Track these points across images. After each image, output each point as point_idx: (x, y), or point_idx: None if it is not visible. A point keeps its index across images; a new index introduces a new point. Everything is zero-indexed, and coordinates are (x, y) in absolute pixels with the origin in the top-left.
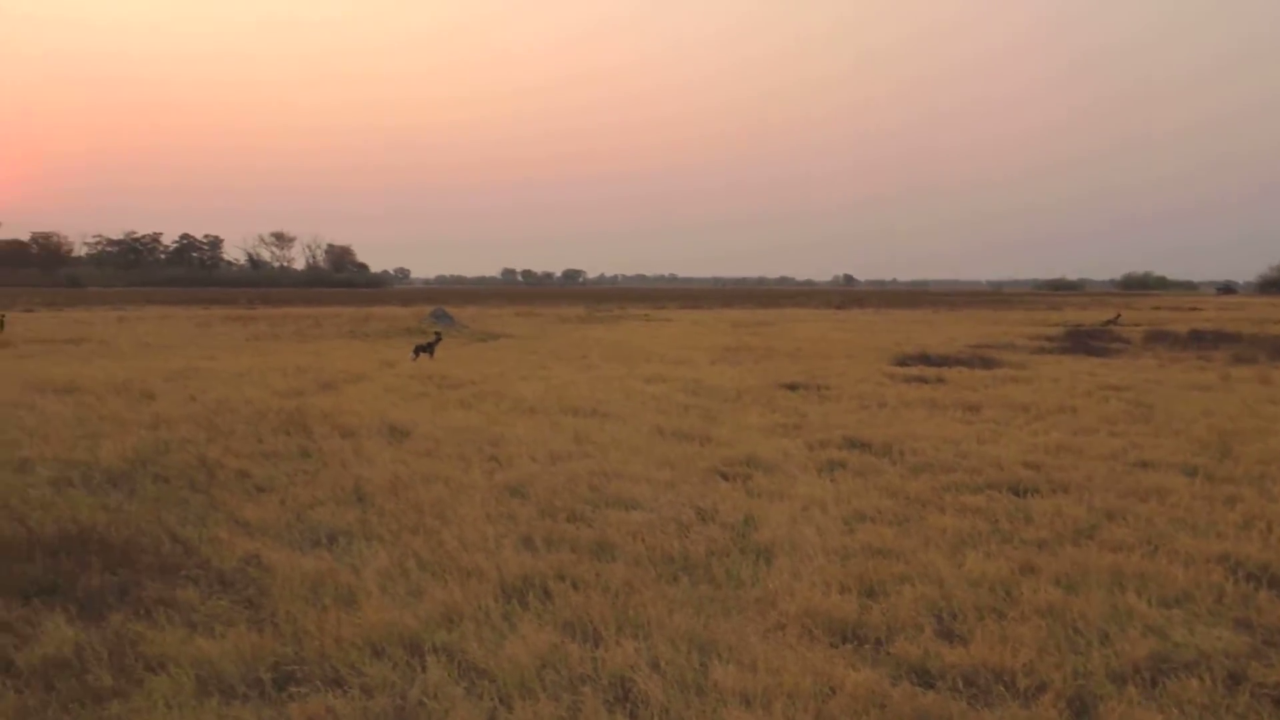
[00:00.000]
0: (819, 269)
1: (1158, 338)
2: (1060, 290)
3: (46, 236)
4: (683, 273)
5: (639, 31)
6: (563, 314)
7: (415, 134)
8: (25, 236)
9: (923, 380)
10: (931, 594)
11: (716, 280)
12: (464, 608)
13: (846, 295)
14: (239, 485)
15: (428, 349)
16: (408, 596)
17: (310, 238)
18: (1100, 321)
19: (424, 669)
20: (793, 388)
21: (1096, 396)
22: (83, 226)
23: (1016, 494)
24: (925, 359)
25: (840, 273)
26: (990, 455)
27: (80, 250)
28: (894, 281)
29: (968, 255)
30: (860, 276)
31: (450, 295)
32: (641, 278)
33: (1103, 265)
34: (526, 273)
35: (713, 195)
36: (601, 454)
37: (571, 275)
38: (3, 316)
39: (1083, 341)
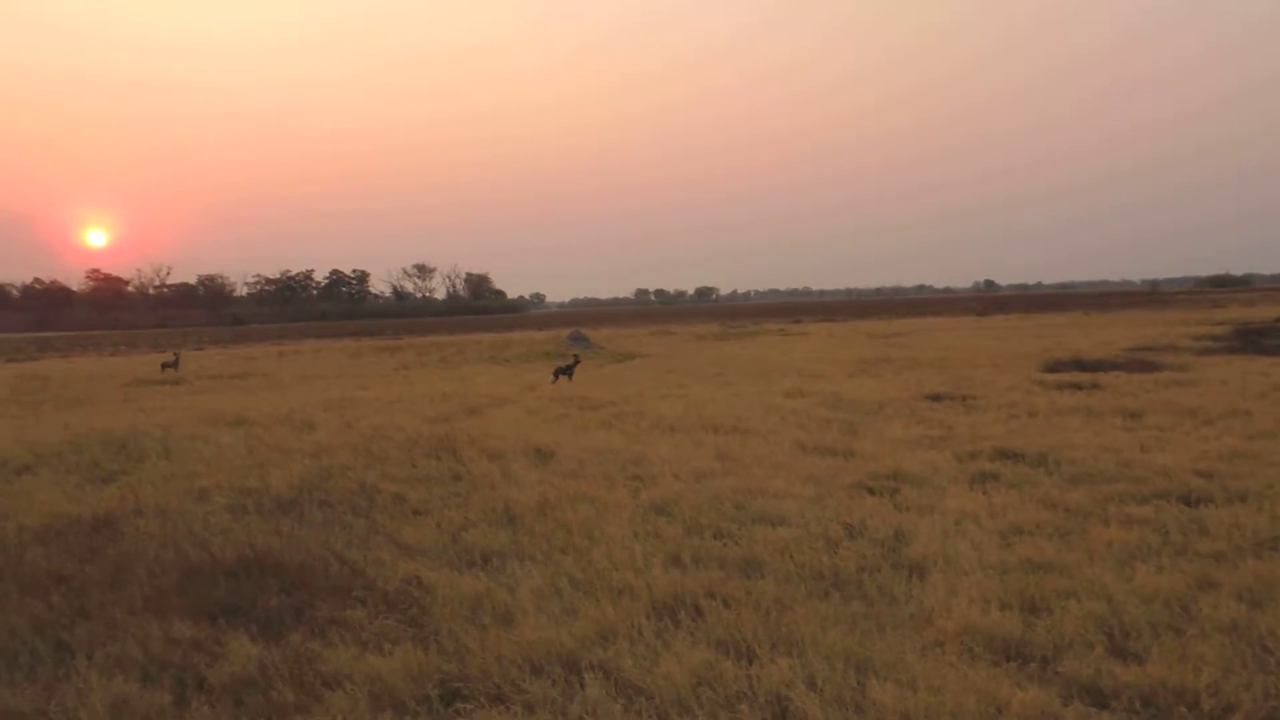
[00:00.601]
0: (958, 275)
1: None
2: (1224, 287)
3: (212, 278)
4: (816, 285)
5: (757, 49)
6: (697, 332)
7: (545, 161)
8: (193, 279)
9: (1076, 387)
10: (1100, 610)
11: (851, 292)
12: (617, 626)
13: (988, 301)
14: (397, 509)
15: (567, 371)
16: (562, 615)
17: (450, 268)
18: (1272, 318)
19: (582, 686)
20: (936, 399)
21: (1272, 399)
22: (243, 268)
23: (1188, 504)
24: (1078, 364)
25: (980, 278)
26: (1156, 464)
27: (241, 290)
28: (1038, 285)
29: (1117, 253)
30: (1002, 281)
31: (585, 317)
32: (775, 292)
33: (1271, 257)
34: (659, 292)
35: (845, 205)
36: (744, 471)
37: (704, 293)
38: (178, 355)
39: (1252, 340)
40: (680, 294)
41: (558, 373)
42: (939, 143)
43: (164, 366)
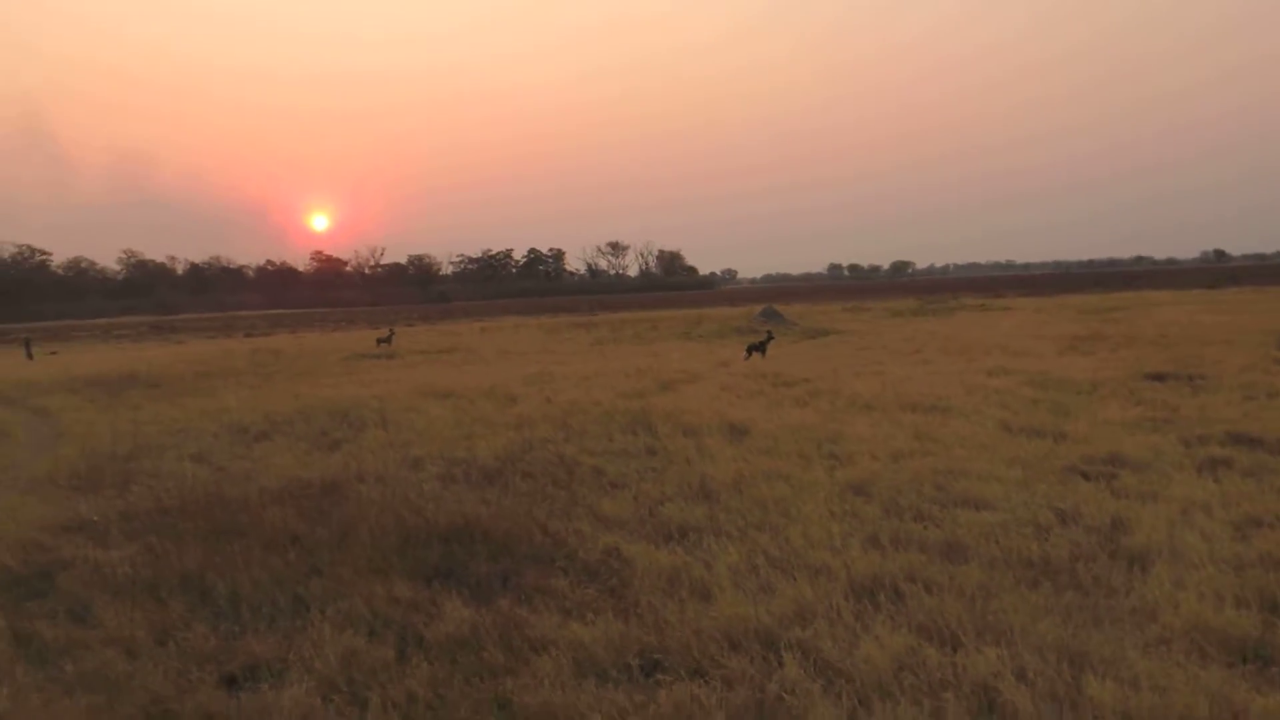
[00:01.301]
0: (1181, 245)
1: None
2: None
3: (420, 258)
4: (1020, 258)
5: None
6: (892, 307)
7: (736, 135)
8: (403, 259)
9: None
10: None
11: (1059, 264)
12: (815, 606)
13: (1218, 273)
14: (595, 481)
15: (759, 348)
16: (759, 592)
17: (642, 245)
18: None
19: (780, 664)
20: (1159, 378)
21: None
22: (448, 248)
23: None
24: None
25: (1209, 248)
26: None
27: (447, 269)
28: (1277, 255)
29: None
30: (1233, 250)
31: (777, 293)
32: (975, 266)
33: None
34: (853, 267)
35: (1052, 169)
36: (945, 451)
37: (900, 267)
38: (393, 332)
39: None
40: (875, 269)
41: (750, 349)
42: (1160, 99)
43: (379, 342)
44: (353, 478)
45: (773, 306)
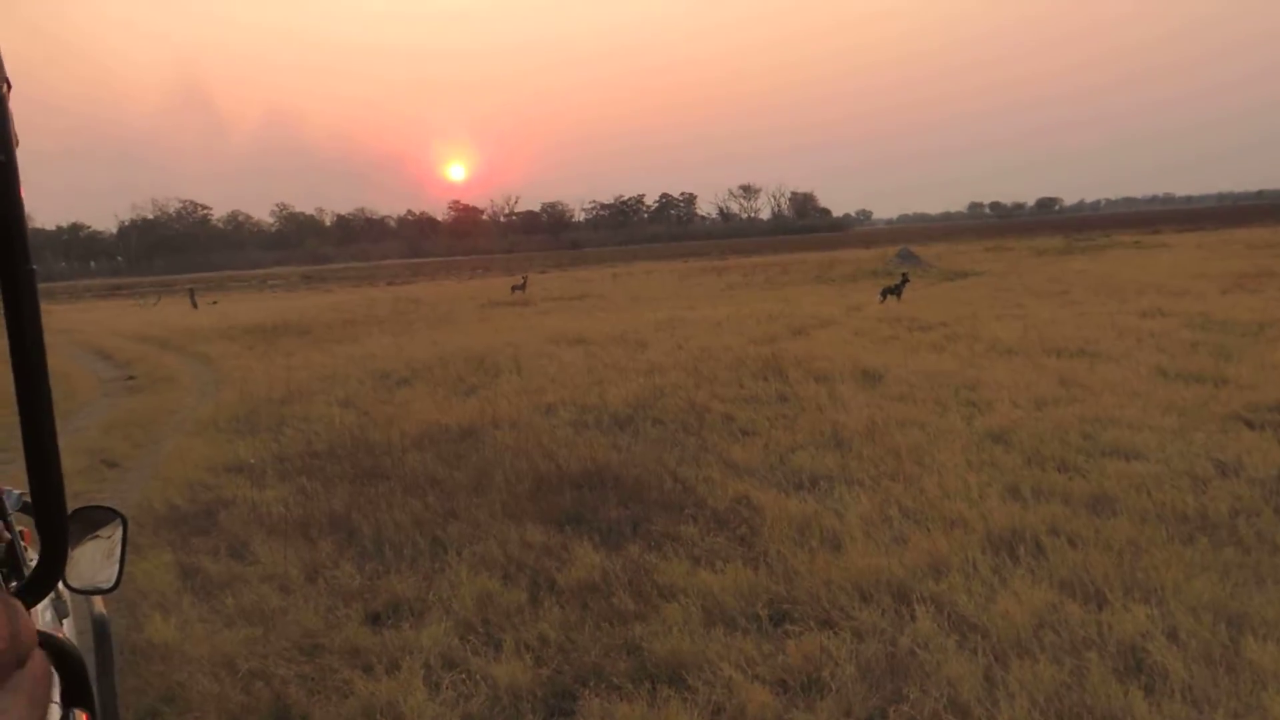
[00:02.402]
0: None
1: None
2: None
3: (553, 205)
4: (1180, 190)
5: None
6: (1038, 246)
7: (869, 73)
8: (537, 207)
9: None
10: None
11: (1224, 196)
12: (950, 558)
13: None
14: (725, 428)
15: (895, 291)
16: (891, 543)
17: (775, 187)
18: None
19: (913, 618)
20: None
21: None
22: (581, 195)
23: None
24: None
25: None
26: None
27: (579, 215)
28: None
29: None
30: None
31: (914, 234)
32: (1129, 200)
33: None
34: (995, 205)
35: (1211, 90)
36: (1092, 399)
37: (1046, 204)
38: (526, 279)
39: None
40: (1019, 206)
41: (885, 292)
42: None
43: (513, 289)
44: (488, 423)
45: (909, 248)
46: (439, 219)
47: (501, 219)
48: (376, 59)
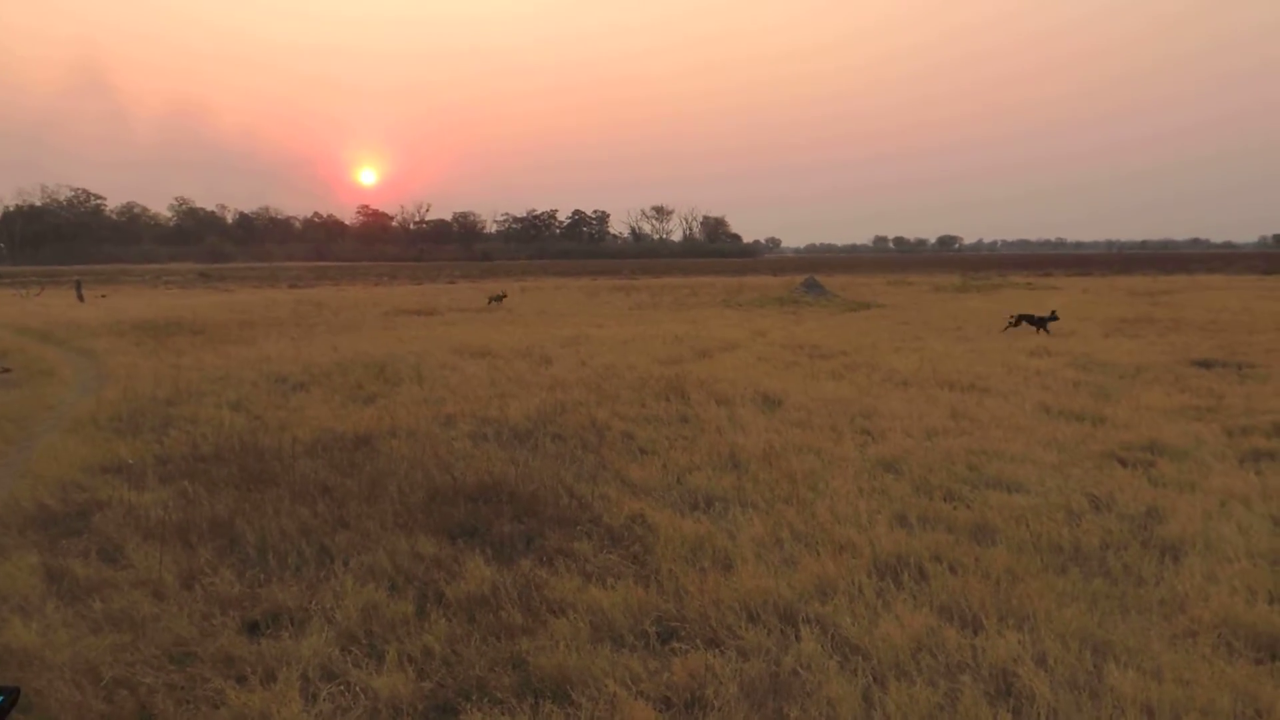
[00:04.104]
0: (1240, 228)
1: None
2: None
3: (465, 216)
4: (1071, 236)
5: None
6: (937, 283)
7: (785, 107)
8: (448, 216)
9: None
10: None
11: (1111, 244)
12: (837, 581)
13: (1275, 259)
14: (624, 447)
15: (1040, 323)
16: (781, 565)
17: (688, 210)
18: None
19: (798, 639)
20: (1206, 365)
21: None
22: (493, 206)
23: None
24: None
25: (1269, 232)
26: None
27: (491, 227)
28: None
29: None
30: None
31: (821, 264)
32: (1023, 243)
33: None
34: (899, 240)
35: (1105, 148)
36: (980, 431)
37: (946, 241)
38: (504, 294)
39: None
40: (921, 242)
41: (1024, 320)
42: (1214, 69)
43: (491, 300)
44: (385, 432)
45: (814, 278)
46: (347, 223)
47: (411, 226)
48: (291, 54)
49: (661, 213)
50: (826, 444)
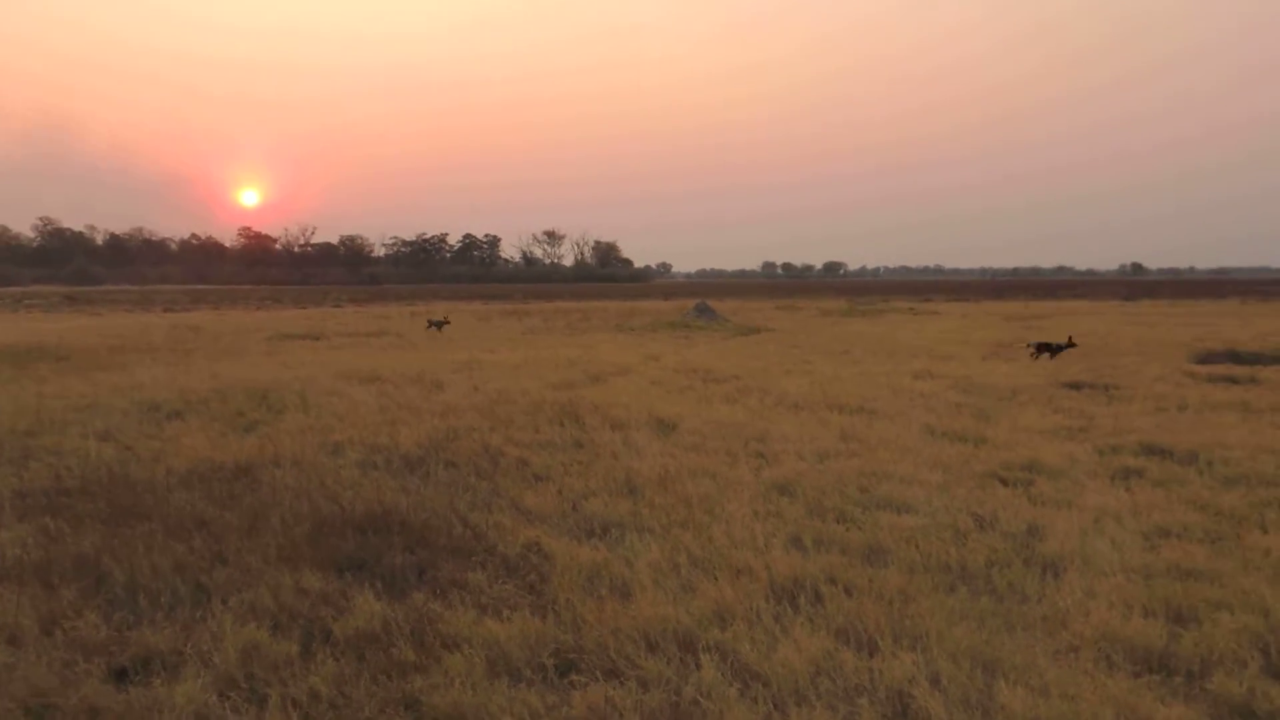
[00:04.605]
0: (1102, 257)
1: None
2: None
3: (352, 239)
4: (949, 264)
5: (892, 26)
6: (824, 307)
7: (677, 134)
8: (335, 239)
9: (1232, 380)
10: (1256, 625)
11: (985, 271)
12: (735, 607)
13: (1135, 286)
14: (519, 473)
15: (1052, 350)
16: (680, 592)
17: (579, 235)
18: None
19: (698, 667)
20: (1076, 387)
21: None
22: (382, 229)
23: None
24: (1234, 356)
25: (1127, 261)
26: None
27: (379, 251)
28: (1191, 270)
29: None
30: (1150, 264)
31: (711, 289)
32: (904, 269)
33: None
34: (786, 266)
35: (981, 181)
36: (869, 453)
37: (832, 268)
38: (446, 320)
39: None
40: (808, 268)
41: (1042, 349)
42: (1080, 117)
43: (431, 325)
44: (268, 462)
45: (706, 302)
46: (227, 245)
47: (296, 249)
48: (168, 63)
49: (553, 237)
50: (722, 468)
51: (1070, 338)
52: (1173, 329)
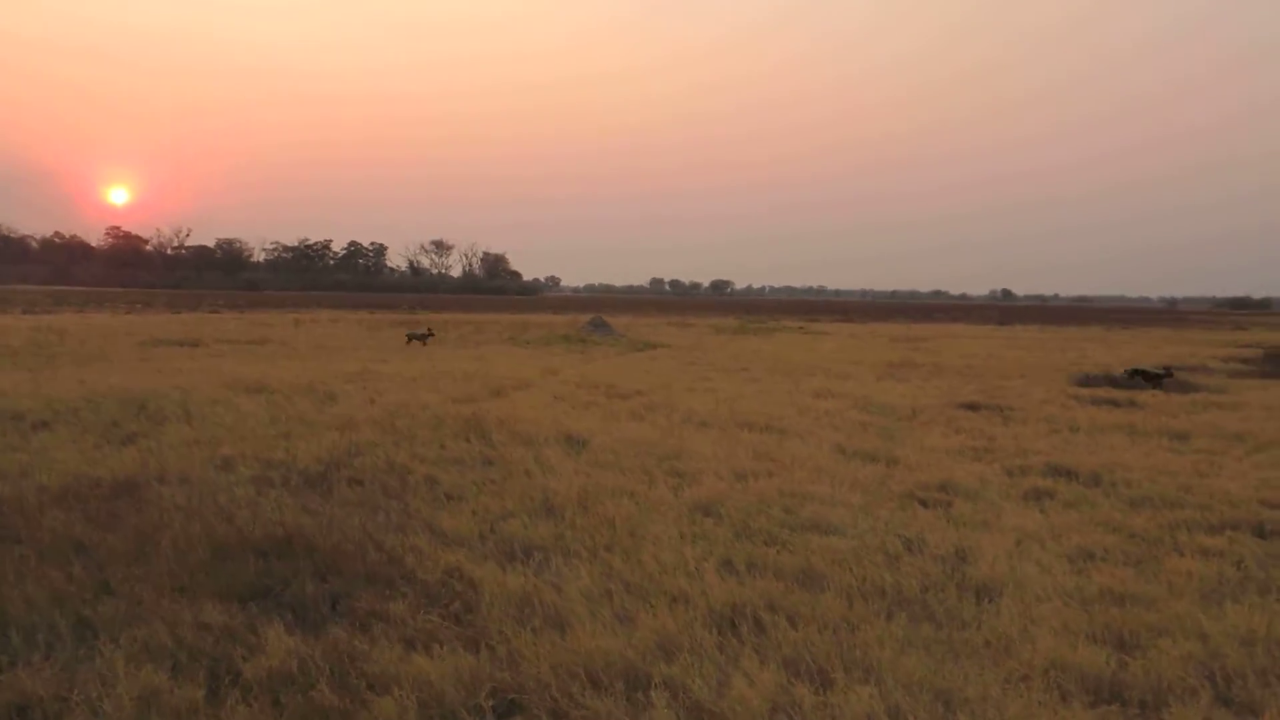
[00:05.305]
0: (974, 283)
1: None
2: (1243, 309)
3: (230, 242)
4: (831, 284)
5: (778, 39)
6: (715, 324)
7: (565, 145)
8: (211, 242)
9: (1114, 403)
10: (1197, 651)
11: (865, 293)
12: (678, 638)
13: (1006, 310)
14: (429, 492)
15: (1153, 379)
16: (617, 622)
17: (468, 246)
18: None
19: (649, 705)
20: (972, 408)
21: None
22: (262, 233)
23: (1261, 536)
24: (1110, 380)
25: (997, 287)
26: (1218, 490)
27: (259, 256)
28: (1055, 297)
29: (1133, 268)
30: (1018, 290)
31: (601, 303)
32: (789, 289)
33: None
34: (674, 282)
35: (862, 205)
36: (786, 473)
37: (720, 285)
38: (430, 331)
39: None
40: (695, 285)
41: (1138, 374)
42: (955, 144)
43: (411, 338)
44: (152, 477)
45: (601, 317)
46: (94, 245)
47: (169, 251)
48: (31, 51)
49: (441, 247)
50: (640, 487)
51: (1167, 368)
52: (1048, 353)
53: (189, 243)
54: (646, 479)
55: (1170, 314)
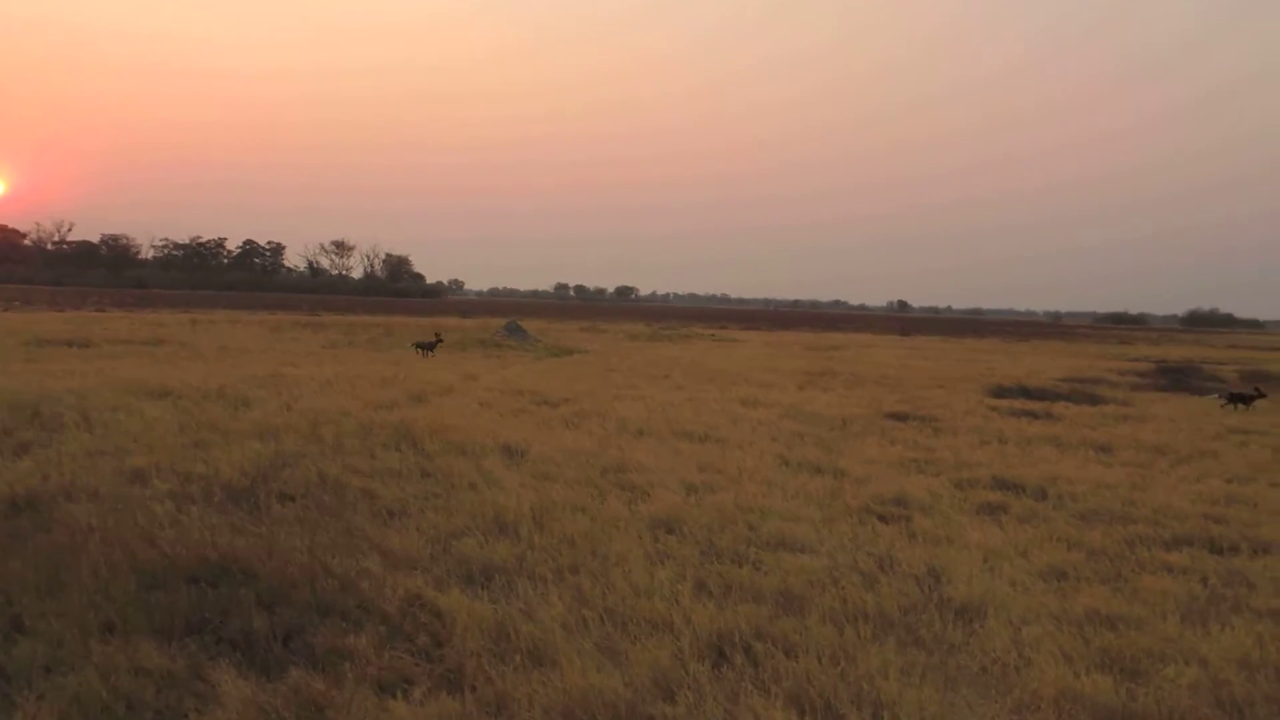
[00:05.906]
0: (871, 293)
1: (1258, 378)
2: (1122, 324)
3: (116, 239)
4: (734, 293)
5: (697, 63)
6: (628, 331)
7: (473, 151)
8: (96, 238)
9: (1032, 415)
10: (1201, 678)
11: (768, 301)
12: (673, 674)
13: (906, 321)
14: (369, 507)
15: (1244, 399)
16: (602, 656)
17: (369, 247)
18: (1187, 359)
19: None
20: (900, 418)
21: (1230, 440)
22: (151, 230)
23: (1217, 553)
24: (1024, 392)
25: (894, 298)
26: (1159, 504)
27: (147, 253)
28: (948, 309)
29: (1017, 284)
30: (914, 301)
31: (508, 308)
32: (694, 296)
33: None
34: (579, 288)
35: (762, 215)
36: (735, 486)
37: (624, 292)
38: (439, 338)
39: (1177, 379)
40: (600, 291)
41: (1232, 398)
42: (853, 145)
43: (418, 347)
44: (57, 493)
45: (516, 322)
46: None
47: (49, 247)
48: None
49: (342, 248)
50: (592, 502)
51: (1257, 388)
52: (957, 364)
53: (71, 238)
54: (596, 492)
55: (1057, 328)
